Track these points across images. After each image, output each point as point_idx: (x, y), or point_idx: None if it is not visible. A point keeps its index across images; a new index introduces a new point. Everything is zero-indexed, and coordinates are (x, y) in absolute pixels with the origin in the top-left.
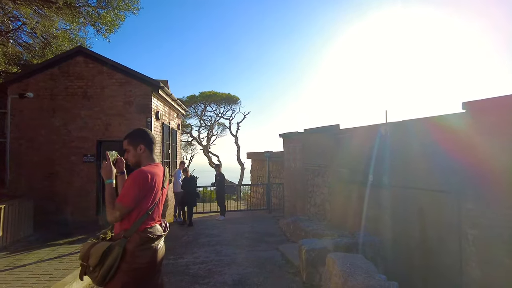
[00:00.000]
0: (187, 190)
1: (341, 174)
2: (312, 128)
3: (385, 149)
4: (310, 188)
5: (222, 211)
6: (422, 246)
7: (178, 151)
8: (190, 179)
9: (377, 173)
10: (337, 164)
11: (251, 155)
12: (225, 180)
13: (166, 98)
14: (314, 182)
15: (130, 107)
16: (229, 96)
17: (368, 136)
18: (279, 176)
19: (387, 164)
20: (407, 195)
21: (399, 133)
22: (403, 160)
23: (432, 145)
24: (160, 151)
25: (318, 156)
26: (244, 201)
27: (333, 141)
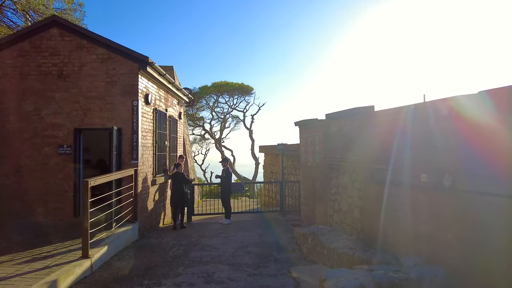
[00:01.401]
0: (175, 188)
1: (377, 172)
2: (336, 112)
3: (448, 137)
4: (333, 189)
5: (227, 213)
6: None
7: (180, 143)
8: (175, 175)
9: (434, 171)
10: (371, 158)
11: (264, 148)
12: (235, 175)
13: (159, 79)
14: (338, 181)
15: (113, 88)
16: (242, 86)
17: (420, 118)
18: (294, 172)
19: (452, 159)
20: (489, 205)
21: (474, 111)
22: (482, 152)
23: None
24: (152, 142)
25: (344, 148)
26: (257, 199)
27: (366, 128)
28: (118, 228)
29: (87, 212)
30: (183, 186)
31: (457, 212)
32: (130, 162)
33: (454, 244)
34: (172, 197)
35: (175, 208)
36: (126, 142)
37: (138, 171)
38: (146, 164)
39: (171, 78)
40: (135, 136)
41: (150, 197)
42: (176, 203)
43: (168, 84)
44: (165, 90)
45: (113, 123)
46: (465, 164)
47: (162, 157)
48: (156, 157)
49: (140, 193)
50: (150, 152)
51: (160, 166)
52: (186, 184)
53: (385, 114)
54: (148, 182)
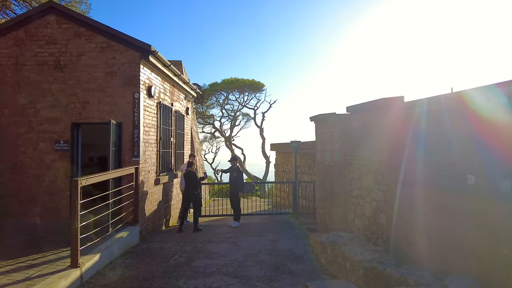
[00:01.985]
0: (186, 187)
1: (410, 172)
2: (358, 105)
3: (505, 130)
4: (354, 191)
5: (236, 215)
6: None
7: (187, 140)
8: (187, 174)
9: (486, 172)
10: (401, 156)
11: (275, 146)
12: (245, 174)
13: (164, 70)
14: (361, 183)
15: (112, 79)
16: (253, 82)
17: (468, 108)
18: (308, 172)
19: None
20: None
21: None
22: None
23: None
24: (156, 138)
25: (368, 145)
26: (269, 199)
27: (394, 122)
28: (116, 232)
29: (77, 215)
30: (195, 186)
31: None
32: (130, 160)
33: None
34: (184, 198)
35: (185, 209)
36: (127, 138)
37: (140, 170)
38: (148, 162)
39: (177, 70)
40: (136, 131)
41: (153, 197)
42: (188, 203)
43: (174, 76)
44: (170, 83)
45: (112, 117)
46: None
47: (167, 154)
48: (160, 155)
49: (142, 193)
50: (153, 149)
51: (165, 164)
52: (196, 184)
53: (419, 105)
54: (151, 181)
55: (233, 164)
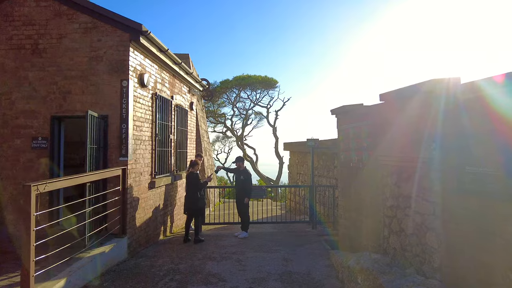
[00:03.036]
0: (187, 191)
1: (473, 177)
2: (396, 91)
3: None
4: (390, 200)
5: (244, 225)
6: None
7: (191, 138)
8: (188, 176)
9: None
10: (459, 157)
11: (289, 146)
12: (257, 175)
13: (161, 57)
14: (399, 190)
15: (98, 65)
16: (266, 79)
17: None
18: (327, 174)
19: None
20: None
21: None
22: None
23: None
24: (151, 134)
25: (409, 142)
26: (282, 202)
27: (448, 112)
28: (96, 246)
29: (30, 231)
30: (196, 189)
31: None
32: (117, 159)
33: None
34: (184, 203)
35: (188, 216)
36: (113, 134)
37: (129, 171)
38: (140, 162)
39: (177, 57)
40: (124, 125)
41: (147, 203)
42: (188, 210)
43: (174, 65)
44: (170, 73)
45: (97, 108)
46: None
47: (164, 154)
48: (155, 154)
49: (132, 199)
50: (147, 147)
51: (163, 164)
52: (198, 187)
53: (482, 88)
54: (144, 184)
55: (238, 166)
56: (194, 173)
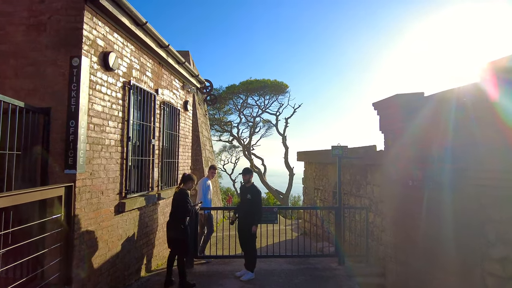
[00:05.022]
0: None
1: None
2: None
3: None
4: (499, 248)
5: (249, 262)
6: None
7: (184, 145)
8: (176, 195)
9: None
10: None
11: (304, 155)
12: (267, 188)
13: (137, 32)
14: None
15: (39, 37)
16: (275, 83)
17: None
18: (357, 192)
19: None
20: None
21: None
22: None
23: None
24: (122, 137)
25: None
26: (294, 220)
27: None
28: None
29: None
30: (178, 214)
31: None
32: (62, 172)
33: None
34: (167, 231)
35: (171, 251)
36: (56, 135)
37: (79, 190)
38: (101, 176)
39: (163, 39)
40: (72, 122)
41: (112, 233)
42: (169, 242)
43: (158, 48)
44: (154, 60)
45: (36, 98)
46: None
47: (143, 164)
48: (127, 165)
49: (85, 229)
50: (113, 156)
51: (140, 179)
52: (183, 213)
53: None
54: (107, 207)
55: (245, 179)
56: (183, 192)
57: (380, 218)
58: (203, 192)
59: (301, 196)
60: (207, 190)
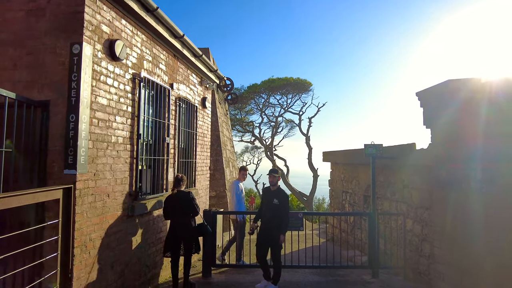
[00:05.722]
0: (171, 220)
1: None
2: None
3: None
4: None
5: (275, 273)
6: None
7: (202, 144)
8: (168, 199)
9: None
10: None
11: (331, 156)
12: (290, 190)
13: (147, 19)
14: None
15: (38, 23)
16: (298, 81)
17: None
18: (392, 196)
19: None
20: None
21: None
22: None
23: None
24: (131, 134)
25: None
26: (318, 222)
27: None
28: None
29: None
30: (184, 216)
31: None
32: (62, 172)
33: None
34: (168, 236)
35: (173, 257)
36: (56, 131)
37: (80, 192)
38: (107, 177)
39: (177, 28)
40: (72, 116)
41: (120, 240)
42: (172, 246)
43: (172, 38)
44: (169, 52)
45: (35, 91)
46: None
47: (157, 164)
48: (137, 164)
49: (88, 237)
50: (121, 155)
51: (154, 180)
52: (191, 213)
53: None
54: (115, 211)
55: (273, 181)
56: (188, 192)
57: (420, 226)
58: (236, 197)
59: (325, 198)
60: (241, 193)
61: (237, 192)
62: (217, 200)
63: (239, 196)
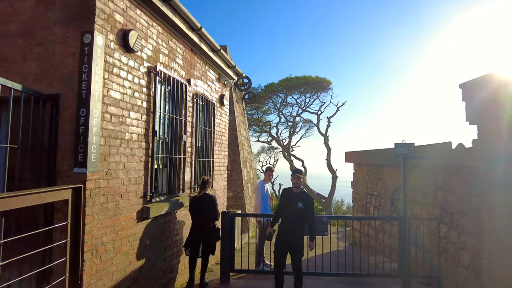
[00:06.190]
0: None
1: None
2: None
3: None
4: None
5: (296, 282)
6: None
7: (220, 143)
8: (194, 201)
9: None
10: None
11: (354, 156)
12: (308, 191)
13: (163, 9)
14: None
15: (48, 12)
16: (317, 79)
17: None
18: (423, 200)
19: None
20: None
21: None
22: None
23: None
24: (147, 131)
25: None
26: (341, 226)
27: None
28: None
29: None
30: (204, 220)
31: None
32: (71, 171)
33: None
34: (190, 237)
35: (191, 253)
36: (65, 126)
37: (91, 192)
38: (120, 176)
39: (196, 21)
40: (82, 111)
41: (134, 244)
42: (191, 244)
43: (190, 31)
44: (186, 46)
45: (45, 84)
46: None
47: (173, 163)
48: (153, 163)
49: (100, 241)
50: (136, 152)
51: (171, 180)
52: (211, 217)
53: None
54: (128, 213)
55: (296, 183)
56: (211, 195)
57: (456, 233)
58: (262, 199)
59: (344, 200)
60: (267, 195)
61: (263, 193)
62: (234, 201)
63: (264, 197)
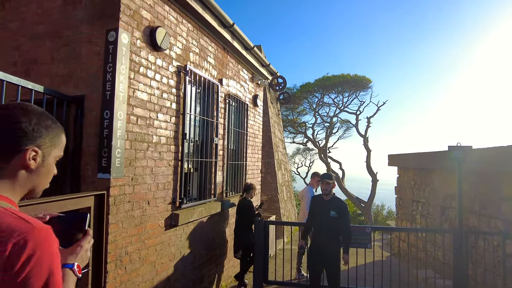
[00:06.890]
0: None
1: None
2: None
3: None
4: None
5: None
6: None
7: (253, 145)
8: (244, 201)
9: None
10: None
11: (399, 159)
12: (346, 195)
13: (194, 5)
14: None
15: (74, 11)
16: (356, 78)
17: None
18: (484, 211)
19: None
20: None
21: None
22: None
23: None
24: (176, 134)
25: None
26: (384, 238)
27: None
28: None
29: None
30: (237, 226)
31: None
32: (95, 177)
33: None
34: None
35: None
36: (89, 130)
37: (115, 199)
38: (147, 181)
39: (226, 15)
40: (107, 113)
41: (162, 252)
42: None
43: (222, 28)
44: (218, 44)
45: (71, 85)
46: None
47: (204, 167)
48: (182, 167)
49: (124, 250)
50: (164, 156)
51: (201, 185)
52: (249, 221)
53: None
54: (155, 220)
55: (326, 189)
56: (248, 200)
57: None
58: (308, 201)
59: (385, 205)
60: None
61: (311, 194)
62: (268, 204)
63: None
